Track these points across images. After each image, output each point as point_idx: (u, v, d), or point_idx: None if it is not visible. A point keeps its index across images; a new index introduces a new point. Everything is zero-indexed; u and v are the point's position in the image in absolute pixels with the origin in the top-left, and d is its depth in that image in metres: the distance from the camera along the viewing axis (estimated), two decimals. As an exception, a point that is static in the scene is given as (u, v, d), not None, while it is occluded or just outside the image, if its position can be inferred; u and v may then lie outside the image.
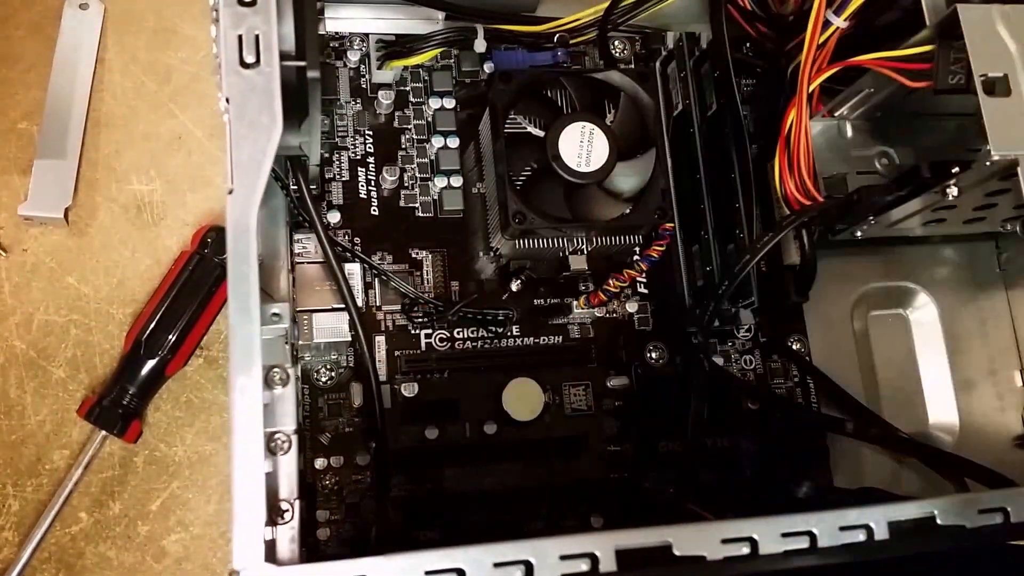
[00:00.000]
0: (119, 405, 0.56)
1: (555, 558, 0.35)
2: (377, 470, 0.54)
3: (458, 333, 0.57)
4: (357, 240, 0.57)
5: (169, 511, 0.58)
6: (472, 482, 0.55)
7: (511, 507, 0.55)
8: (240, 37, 0.38)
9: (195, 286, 0.58)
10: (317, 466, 0.53)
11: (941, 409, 0.60)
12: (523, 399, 0.55)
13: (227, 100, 0.37)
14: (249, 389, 0.35)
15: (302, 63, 0.41)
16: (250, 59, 0.38)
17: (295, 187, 0.51)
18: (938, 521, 0.39)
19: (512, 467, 0.55)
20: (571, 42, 0.60)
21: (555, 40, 0.60)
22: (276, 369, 0.44)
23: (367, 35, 0.60)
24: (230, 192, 0.36)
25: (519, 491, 0.55)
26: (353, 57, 0.60)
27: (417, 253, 0.58)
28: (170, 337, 0.57)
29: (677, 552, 0.36)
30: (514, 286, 0.58)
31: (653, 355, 0.59)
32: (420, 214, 0.59)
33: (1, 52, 0.63)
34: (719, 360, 0.59)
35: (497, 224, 0.54)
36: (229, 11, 0.38)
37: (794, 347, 0.60)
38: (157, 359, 0.57)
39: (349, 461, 0.54)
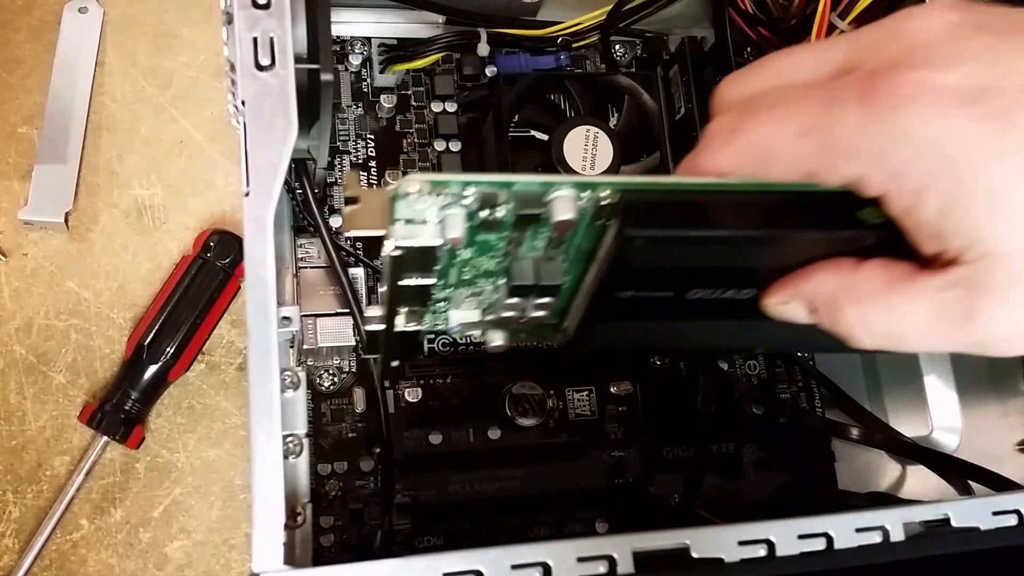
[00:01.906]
0: (121, 410, 0.56)
1: (572, 560, 0.35)
2: (381, 476, 0.54)
3: (461, 338, 0.57)
4: (359, 245, 0.57)
5: (171, 518, 0.58)
6: (476, 488, 0.55)
7: (515, 513, 0.55)
8: (255, 40, 0.38)
9: (197, 291, 0.58)
10: (320, 472, 0.53)
11: (944, 414, 0.60)
12: (526, 404, 0.55)
13: (242, 103, 0.37)
14: (268, 390, 0.34)
15: (315, 66, 0.41)
16: (265, 62, 0.38)
17: (300, 190, 0.51)
18: (952, 523, 0.39)
19: (516, 473, 0.55)
20: (573, 46, 0.60)
21: (558, 44, 0.60)
22: (287, 372, 0.44)
23: (368, 39, 0.60)
24: (246, 195, 0.36)
25: (523, 497, 0.55)
26: (355, 61, 0.60)
27: (420, 257, 0.58)
28: (173, 342, 0.57)
29: (695, 554, 0.36)
30: (517, 291, 0.57)
31: (657, 360, 0.59)
32: (423, 218, 0.59)
33: (0, 56, 0.62)
34: (723, 365, 0.59)
35: (501, 228, 0.54)
36: (244, 14, 0.38)
37: (798, 352, 0.60)
38: (159, 364, 0.56)
39: (352, 467, 0.54)
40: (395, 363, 0.45)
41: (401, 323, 0.40)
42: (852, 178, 0.29)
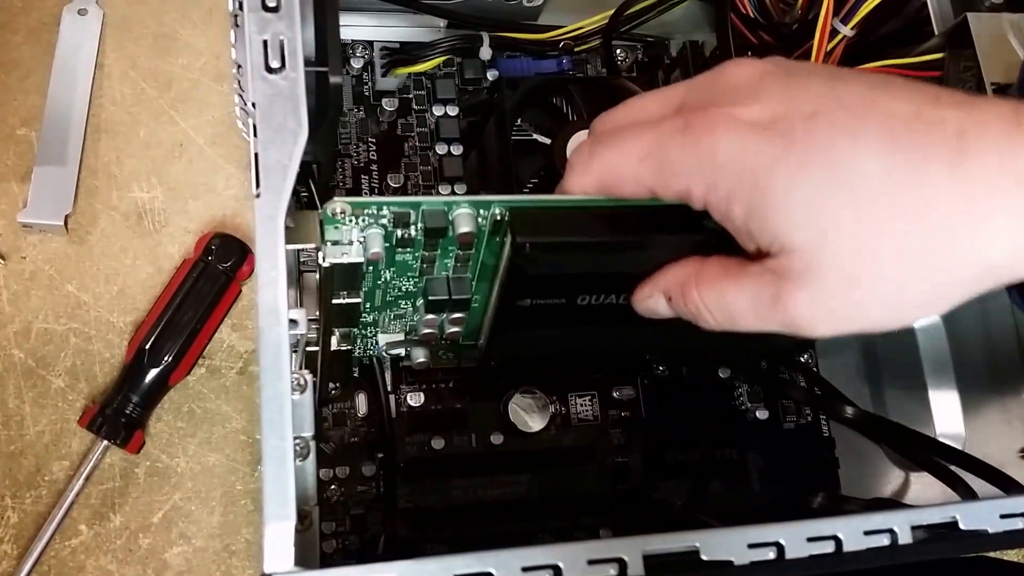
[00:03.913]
0: (122, 415, 0.56)
1: (583, 562, 0.35)
2: (383, 481, 0.54)
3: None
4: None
5: (171, 523, 0.57)
6: (479, 493, 0.55)
7: (518, 519, 0.55)
8: (265, 42, 0.38)
9: (199, 294, 0.57)
10: (322, 477, 0.53)
11: (947, 420, 0.60)
12: (529, 409, 0.55)
13: (252, 105, 0.37)
14: (279, 391, 0.34)
15: (324, 69, 0.41)
16: (275, 64, 0.37)
17: (304, 193, 0.51)
18: (961, 526, 0.39)
19: (519, 478, 0.55)
20: (575, 50, 0.61)
21: (560, 48, 0.60)
22: (294, 375, 0.43)
23: (370, 43, 0.60)
24: (257, 196, 0.36)
25: (526, 503, 0.55)
26: (356, 64, 0.60)
27: (421, 261, 0.58)
28: (174, 346, 0.56)
29: (704, 557, 0.36)
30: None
31: (660, 366, 0.58)
32: (424, 222, 0.58)
33: (-1, 58, 0.62)
34: (727, 371, 0.59)
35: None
36: (255, 16, 0.38)
37: (802, 359, 0.59)
38: (160, 368, 0.56)
39: (355, 472, 0.54)
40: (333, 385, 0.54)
41: (335, 343, 0.46)
42: (681, 191, 0.36)
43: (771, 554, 0.37)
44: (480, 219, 0.40)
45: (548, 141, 0.55)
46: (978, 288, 0.35)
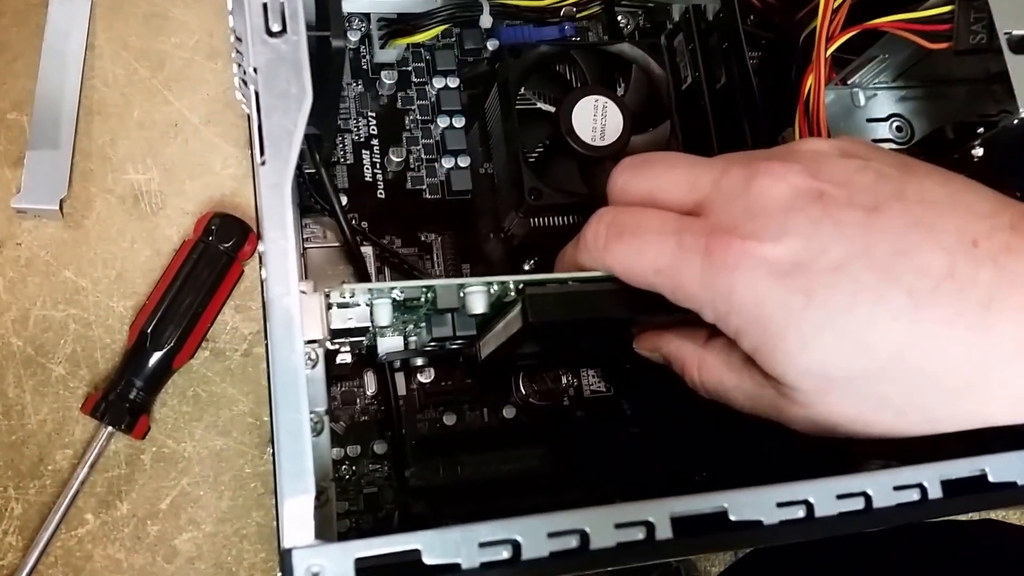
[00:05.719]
0: (125, 400, 0.54)
1: (610, 526, 0.34)
2: (395, 458, 0.53)
3: (471, 316, 0.56)
4: (364, 224, 0.56)
5: (179, 509, 0.56)
6: (492, 468, 0.54)
7: (532, 492, 0.54)
8: (265, 5, 0.37)
9: (200, 275, 0.56)
10: (333, 456, 0.52)
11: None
12: (540, 381, 0.55)
13: (254, 70, 0.36)
14: (292, 364, 0.33)
15: (326, 33, 0.40)
16: (276, 28, 0.36)
17: (309, 167, 0.50)
18: (990, 479, 0.38)
19: (532, 452, 0.54)
20: (577, 16, 0.60)
21: (561, 15, 0.59)
22: (307, 346, 0.43)
23: (367, 15, 0.59)
24: (262, 163, 0.35)
25: (539, 476, 0.54)
26: (353, 37, 0.59)
27: (426, 236, 0.57)
28: (176, 328, 0.55)
29: (733, 517, 0.36)
30: (526, 267, 0.56)
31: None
32: (428, 196, 0.58)
33: (-13, 41, 0.61)
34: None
35: (510, 203, 0.53)
36: (253, -22, 0.37)
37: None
38: (163, 351, 0.55)
39: (366, 450, 0.53)
40: None
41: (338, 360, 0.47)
42: (692, 308, 0.38)
43: (800, 512, 0.36)
44: (490, 292, 0.41)
45: (553, 109, 0.54)
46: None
